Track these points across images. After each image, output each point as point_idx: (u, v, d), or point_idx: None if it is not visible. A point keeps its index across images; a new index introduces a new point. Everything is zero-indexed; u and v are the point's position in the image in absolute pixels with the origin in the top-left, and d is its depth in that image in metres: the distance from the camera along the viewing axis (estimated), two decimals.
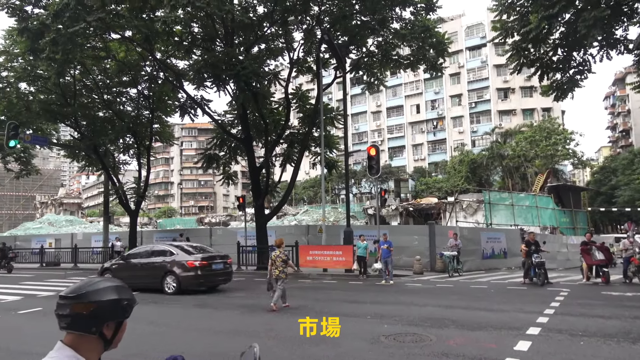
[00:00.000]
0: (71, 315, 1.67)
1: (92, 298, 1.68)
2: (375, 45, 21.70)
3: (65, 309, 1.68)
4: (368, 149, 18.69)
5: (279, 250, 10.30)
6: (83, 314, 1.66)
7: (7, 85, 23.53)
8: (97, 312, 1.67)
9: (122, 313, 1.75)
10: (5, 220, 78.39)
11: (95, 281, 1.75)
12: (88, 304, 1.66)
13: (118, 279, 1.87)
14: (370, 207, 37.27)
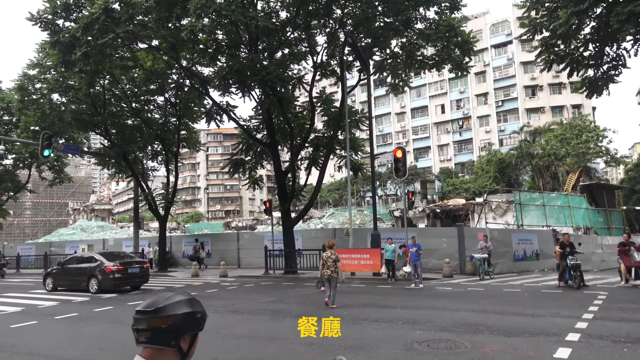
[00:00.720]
0: (150, 329, 1.70)
1: (170, 312, 1.71)
2: (400, 47, 21.53)
3: (143, 323, 1.71)
4: (394, 151, 18.54)
5: (330, 252, 10.88)
6: (162, 327, 1.69)
7: (41, 96, 24.31)
8: (175, 325, 1.70)
9: (197, 325, 1.78)
10: (40, 227, 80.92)
11: (169, 295, 1.78)
12: (166, 318, 1.70)
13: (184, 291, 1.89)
14: (396, 209, 36.96)
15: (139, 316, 1.73)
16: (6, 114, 33.15)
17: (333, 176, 62.13)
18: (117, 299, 13.99)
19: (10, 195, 36.37)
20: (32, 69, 23.47)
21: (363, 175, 25.78)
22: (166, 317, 1.69)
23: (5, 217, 40.03)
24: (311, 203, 23.05)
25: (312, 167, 23.29)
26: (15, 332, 9.45)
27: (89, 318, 10.82)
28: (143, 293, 15.37)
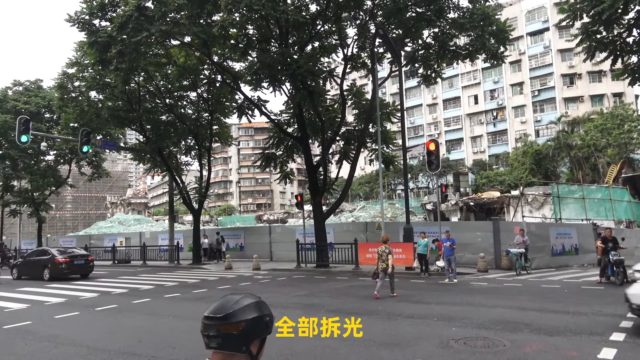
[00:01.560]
0: (221, 335, 1.69)
1: (240, 317, 1.70)
2: (432, 37, 21.11)
3: (214, 329, 1.70)
4: (427, 144, 18.24)
5: (384, 246, 11.65)
6: (233, 333, 1.69)
7: (79, 94, 25.06)
8: (245, 330, 1.69)
9: (266, 329, 1.77)
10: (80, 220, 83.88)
11: (237, 299, 1.76)
12: (237, 324, 1.69)
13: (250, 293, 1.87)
14: (428, 203, 36.47)
15: (209, 322, 1.71)
16: (47, 111, 34.44)
17: (363, 169, 61.84)
18: (154, 291, 14.35)
19: (52, 190, 37.80)
20: (71, 67, 24.21)
21: (394, 168, 25.49)
22: (236, 323, 1.69)
23: (48, 210, 41.66)
24: (343, 197, 23.00)
25: (343, 160, 23.22)
26: (59, 322, 9.82)
27: (128, 310, 11.13)
28: (159, 287, 15.72)
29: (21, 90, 35.18)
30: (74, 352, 7.16)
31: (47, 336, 8.39)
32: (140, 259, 27.54)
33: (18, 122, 19.03)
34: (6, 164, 33.46)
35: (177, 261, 26.03)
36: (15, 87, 35.50)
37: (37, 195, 36.43)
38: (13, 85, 35.56)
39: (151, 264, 26.39)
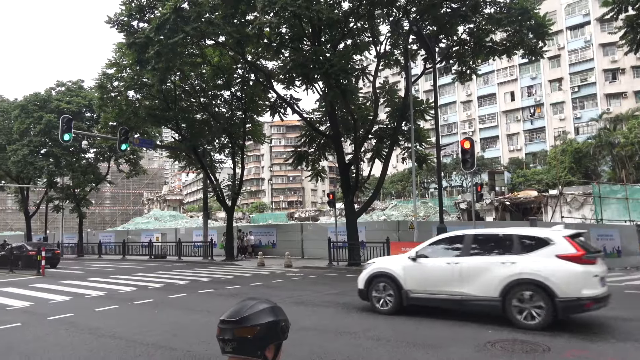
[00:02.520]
0: (236, 339, 1.70)
1: (255, 321, 1.70)
2: (467, 33, 20.69)
3: (229, 333, 1.71)
4: (462, 142, 17.89)
5: None
6: (248, 338, 1.69)
7: (118, 94, 25.81)
8: (260, 335, 1.70)
9: (282, 334, 1.77)
10: (118, 216, 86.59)
11: (252, 304, 1.77)
12: (252, 328, 1.69)
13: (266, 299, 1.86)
14: (462, 202, 35.82)
15: (224, 326, 1.71)
16: (88, 110, 35.67)
17: (396, 167, 61.30)
18: (189, 287, 14.65)
19: (92, 187, 39.14)
20: (110, 68, 24.95)
21: (427, 167, 25.16)
22: (251, 327, 1.69)
23: (88, 206, 43.17)
24: (375, 195, 22.87)
25: (375, 159, 23.08)
26: (99, 315, 10.16)
27: (164, 304, 11.41)
28: (191, 283, 15.99)
29: (64, 90, 36.56)
30: (114, 345, 7.39)
31: (88, 328, 8.69)
32: (175, 255, 28.20)
33: (61, 121, 19.80)
34: (50, 161, 34.85)
35: (210, 257, 26.53)
36: (59, 87, 36.93)
37: (78, 192, 37.81)
38: (56, 85, 37.02)
39: (186, 260, 26.97)
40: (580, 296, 7.38)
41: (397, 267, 9.33)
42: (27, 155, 33.71)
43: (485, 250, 8.61)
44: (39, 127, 33.64)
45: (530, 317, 7.61)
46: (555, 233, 8.16)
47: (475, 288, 8.20)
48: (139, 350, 7.00)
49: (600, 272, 7.65)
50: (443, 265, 8.70)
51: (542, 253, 7.83)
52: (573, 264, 7.50)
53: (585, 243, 8.39)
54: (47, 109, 34.13)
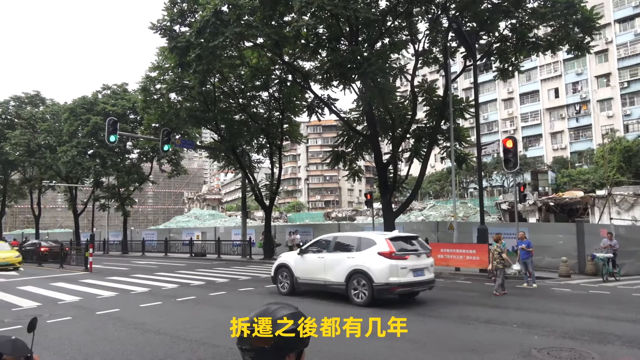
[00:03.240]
0: (254, 349, 1.65)
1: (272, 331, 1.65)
2: (509, 29, 20.09)
3: (247, 343, 1.67)
4: (504, 141, 17.42)
5: (496, 245, 12.33)
6: (265, 348, 1.64)
7: (160, 96, 26.60)
8: (277, 344, 1.64)
9: (301, 342, 1.71)
10: (160, 214, 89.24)
11: (272, 310, 1.72)
12: (269, 338, 1.64)
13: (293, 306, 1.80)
14: (503, 202, 34.85)
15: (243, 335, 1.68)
16: (132, 112, 36.92)
17: (434, 167, 60.36)
18: (229, 285, 14.92)
19: (136, 186, 40.51)
20: (153, 71, 25.76)
21: (467, 167, 24.60)
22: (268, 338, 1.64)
23: (132, 205, 44.72)
24: (413, 195, 22.58)
25: (414, 158, 22.78)
26: (144, 311, 10.49)
27: (206, 302, 11.66)
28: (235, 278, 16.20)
29: (109, 93, 37.99)
30: (159, 341, 7.61)
31: (134, 323, 8.99)
32: (215, 253, 28.79)
33: (107, 123, 20.57)
34: (97, 162, 36.28)
35: (249, 256, 26.93)
36: (105, 91, 38.40)
37: (123, 191, 39.21)
38: (103, 89, 38.51)
39: (225, 258, 27.49)
40: (387, 282, 10.07)
41: (291, 260, 12.33)
42: (76, 156, 35.22)
43: (340, 248, 11.45)
44: (86, 129, 35.08)
45: (360, 296, 10.40)
46: (380, 236, 10.96)
47: (332, 275, 11.09)
48: (183, 347, 7.19)
49: (411, 265, 10.31)
50: (315, 259, 11.65)
51: (370, 250, 10.52)
52: (385, 259, 10.17)
53: (406, 244, 10.87)
54: (94, 112, 35.55)
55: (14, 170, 46.80)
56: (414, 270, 10.36)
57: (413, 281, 10.35)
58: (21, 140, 39.12)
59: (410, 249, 10.76)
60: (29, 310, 10.83)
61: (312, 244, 12.49)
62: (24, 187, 47.99)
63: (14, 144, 39.50)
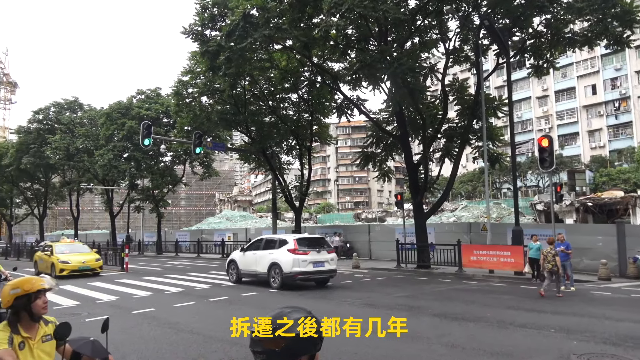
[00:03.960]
0: (265, 352, 1.65)
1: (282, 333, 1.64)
2: (543, 24, 19.53)
3: (259, 345, 1.67)
4: (539, 140, 16.94)
5: (550, 247, 12.37)
6: (275, 350, 1.63)
7: (192, 100, 27.08)
8: (288, 348, 1.63)
9: (312, 346, 1.69)
10: (192, 216, 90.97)
11: (285, 313, 1.72)
12: (279, 340, 1.63)
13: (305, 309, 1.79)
14: (539, 203, 33.87)
15: (255, 337, 1.69)
16: (165, 116, 37.79)
17: (465, 167, 59.36)
18: (260, 285, 15.03)
19: (169, 188, 41.43)
20: (185, 75, 26.26)
21: (500, 166, 24.03)
22: (278, 340, 1.63)
23: (165, 207, 45.75)
24: (445, 196, 22.23)
25: (445, 158, 22.44)
26: (178, 310, 10.70)
27: (238, 302, 11.80)
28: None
29: (143, 98, 38.99)
30: (192, 340, 7.74)
31: (168, 323, 9.17)
32: None
33: (142, 127, 21.10)
34: (132, 164, 37.28)
35: None
36: (139, 95, 39.45)
37: (157, 193, 40.16)
38: (137, 94, 39.57)
39: None
40: (291, 271, 13.63)
41: (237, 256, 16.03)
42: (112, 159, 36.30)
43: (267, 247, 14.93)
44: (121, 132, 36.12)
45: (276, 282, 14.01)
46: (291, 237, 14.80)
47: (260, 267, 14.68)
48: (215, 346, 7.29)
49: (311, 259, 13.81)
50: (251, 255, 15.29)
51: (283, 248, 14.09)
52: (291, 254, 13.74)
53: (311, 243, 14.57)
54: (129, 116, 36.57)
55: (54, 173, 48.68)
56: (314, 263, 13.90)
57: (312, 270, 13.89)
58: (61, 144, 40.59)
59: (314, 247, 14.23)
60: (69, 309, 11.21)
61: (250, 244, 16.06)
62: (63, 190, 49.84)
63: (54, 148, 41.03)
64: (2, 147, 49.34)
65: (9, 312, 2.97)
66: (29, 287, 2.90)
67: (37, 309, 2.93)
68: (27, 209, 59.03)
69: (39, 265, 20.75)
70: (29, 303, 2.90)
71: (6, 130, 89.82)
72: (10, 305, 2.91)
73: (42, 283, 2.96)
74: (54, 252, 19.87)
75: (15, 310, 2.92)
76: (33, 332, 2.96)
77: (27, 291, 2.89)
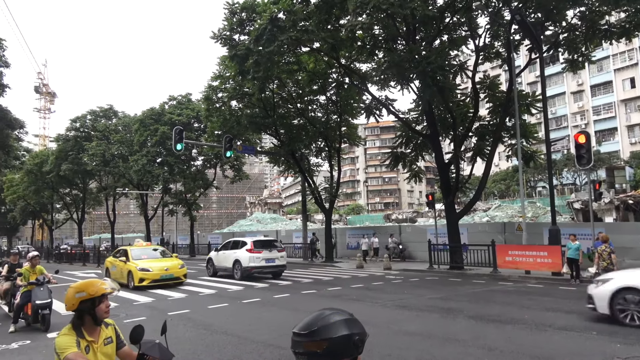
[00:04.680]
0: (307, 353, 1.64)
1: (324, 335, 1.63)
2: (578, 17, 18.93)
3: (300, 346, 1.66)
4: (576, 137, 16.41)
5: (605, 245, 12.38)
6: (317, 352, 1.62)
7: (222, 104, 27.50)
8: (330, 350, 1.62)
9: (355, 349, 1.67)
10: (223, 218, 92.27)
11: (326, 315, 1.71)
12: (321, 342, 1.62)
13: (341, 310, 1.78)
14: (576, 201, 32.81)
15: (296, 338, 1.65)
16: (196, 121, 38.50)
17: (498, 165, 58.13)
18: (292, 287, 15.10)
19: (201, 192, 42.16)
20: (214, 80, 26.69)
21: (535, 164, 23.38)
22: (320, 341, 1.61)
23: (198, 210, 46.55)
24: (478, 196, 21.79)
25: (477, 157, 22.01)
26: (212, 312, 10.85)
27: (270, 304, 11.87)
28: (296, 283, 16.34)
29: (175, 104, 39.84)
30: (226, 341, 7.83)
31: (202, 324, 9.31)
32: None
33: (174, 132, 21.53)
34: (165, 169, 38.14)
35: (310, 258, 27.15)
36: (170, 101, 40.32)
37: (189, 197, 40.93)
38: (169, 100, 40.46)
39: (287, 260, 27.85)
40: (248, 266, 17.51)
41: (213, 255, 20.15)
42: (146, 165, 37.23)
43: (233, 247, 18.82)
44: (155, 138, 37.00)
45: (238, 275, 17.76)
46: (250, 239, 18.90)
47: (227, 264, 18.60)
48: (250, 348, 7.35)
49: (264, 256, 17.75)
50: (222, 253, 19.36)
51: (244, 248, 18.00)
52: (248, 252, 17.71)
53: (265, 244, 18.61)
54: (161, 122, 37.43)
55: (91, 179, 50.29)
56: (266, 259, 17.86)
57: (264, 265, 17.79)
58: (97, 151, 41.90)
59: (267, 247, 18.24)
60: None
61: (223, 245, 20.06)
62: (100, 195, 51.40)
63: (91, 154, 42.38)
64: (42, 155, 51.35)
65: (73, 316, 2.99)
66: (94, 291, 2.92)
67: (101, 313, 2.96)
68: (67, 214, 61.24)
69: (111, 273, 17.90)
70: (93, 307, 2.92)
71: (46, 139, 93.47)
72: (75, 309, 2.92)
73: (106, 287, 2.98)
74: (131, 257, 16.98)
75: (80, 313, 2.93)
76: (95, 335, 2.98)
77: (92, 295, 2.90)
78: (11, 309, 11.07)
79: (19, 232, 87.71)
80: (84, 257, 33.15)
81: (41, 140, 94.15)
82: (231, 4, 20.35)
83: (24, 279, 9.86)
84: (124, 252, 17.94)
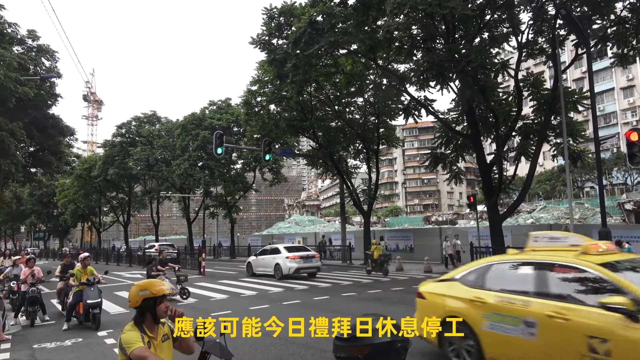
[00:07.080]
0: (348, 358, 1.68)
1: (367, 341, 1.65)
2: (628, 9, 18.08)
3: (342, 351, 1.70)
4: (627, 134, 15.58)
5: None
6: (358, 357, 1.65)
7: (261, 108, 27.91)
8: (371, 355, 1.64)
9: (397, 356, 1.69)
10: (262, 221, 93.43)
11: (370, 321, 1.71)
12: (362, 348, 1.65)
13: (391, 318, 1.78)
14: (627, 202, 31.31)
15: (338, 342, 1.67)
16: (235, 125, 39.26)
17: (542, 165, 56.22)
18: (331, 289, 15.11)
19: (241, 195, 42.92)
20: (253, 85, 27.15)
21: (582, 163, 22.45)
22: (362, 347, 1.63)
23: (237, 212, 47.40)
24: (522, 197, 21.12)
25: (521, 157, 21.36)
26: (253, 313, 11.01)
27: (310, 306, 11.93)
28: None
29: (215, 109, 40.77)
30: (269, 342, 7.92)
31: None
32: None
33: (214, 136, 22.01)
34: (206, 173, 39.07)
35: (349, 261, 27.10)
36: (211, 106, 41.31)
37: (229, 199, 41.72)
38: (209, 105, 41.47)
39: (326, 263, 27.86)
40: (288, 269, 19.32)
41: (252, 259, 22.12)
42: (188, 168, 38.25)
43: (272, 253, 20.74)
44: (196, 143, 37.98)
45: (278, 276, 19.54)
46: (283, 246, 21.62)
47: (270, 268, 20.28)
48: (292, 349, 7.41)
49: (299, 260, 19.59)
50: (261, 258, 21.24)
51: (280, 254, 20.06)
52: (286, 259, 19.56)
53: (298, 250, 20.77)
54: (202, 127, 38.39)
55: (136, 183, 52.16)
56: (304, 258, 19.88)
57: (302, 266, 19.58)
58: (141, 155, 43.40)
59: (301, 251, 20.45)
60: None
61: (260, 252, 22.01)
62: (145, 198, 53.25)
63: (135, 159, 43.95)
64: (91, 160, 53.69)
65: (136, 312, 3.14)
66: (156, 290, 3.07)
67: (160, 312, 3.10)
68: (113, 217, 63.76)
69: None
70: (154, 306, 3.07)
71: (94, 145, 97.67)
72: (138, 306, 3.08)
73: (166, 288, 3.14)
74: None
75: (142, 311, 3.08)
76: (155, 332, 3.13)
77: (155, 294, 3.05)
78: (64, 308, 11.63)
79: (70, 234, 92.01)
80: (130, 259, 34.37)
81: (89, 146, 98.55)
82: (269, 9, 20.66)
83: (76, 279, 10.33)
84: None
